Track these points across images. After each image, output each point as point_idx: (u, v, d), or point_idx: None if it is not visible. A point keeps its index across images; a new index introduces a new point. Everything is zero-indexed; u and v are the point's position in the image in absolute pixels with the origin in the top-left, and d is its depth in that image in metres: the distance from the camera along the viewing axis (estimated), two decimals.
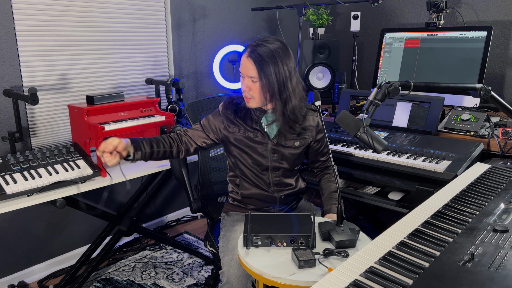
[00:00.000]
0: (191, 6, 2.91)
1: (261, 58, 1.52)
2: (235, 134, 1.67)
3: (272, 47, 1.54)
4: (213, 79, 3.01)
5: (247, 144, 1.67)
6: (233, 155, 1.72)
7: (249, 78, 1.56)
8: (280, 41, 1.58)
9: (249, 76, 1.55)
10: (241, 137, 1.67)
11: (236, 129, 1.67)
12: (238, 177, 1.74)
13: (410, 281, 0.90)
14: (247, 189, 1.72)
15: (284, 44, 1.58)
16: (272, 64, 1.52)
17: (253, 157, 1.67)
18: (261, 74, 1.53)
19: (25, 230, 2.37)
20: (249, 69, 1.54)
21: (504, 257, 0.95)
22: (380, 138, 1.51)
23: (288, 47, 1.60)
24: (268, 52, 1.53)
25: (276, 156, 1.67)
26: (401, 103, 2.30)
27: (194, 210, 1.90)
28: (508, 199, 1.33)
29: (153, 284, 2.35)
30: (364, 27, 3.32)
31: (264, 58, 1.52)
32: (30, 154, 1.91)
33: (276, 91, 1.55)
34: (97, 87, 2.53)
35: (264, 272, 1.25)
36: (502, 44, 2.69)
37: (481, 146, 1.97)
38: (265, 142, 1.66)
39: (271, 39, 1.57)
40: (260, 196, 1.72)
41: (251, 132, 1.66)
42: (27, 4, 2.18)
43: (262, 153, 1.67)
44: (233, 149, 1.70)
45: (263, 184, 1.71)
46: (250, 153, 1.67)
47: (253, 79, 1.55)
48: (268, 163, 1.67)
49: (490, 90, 1.69)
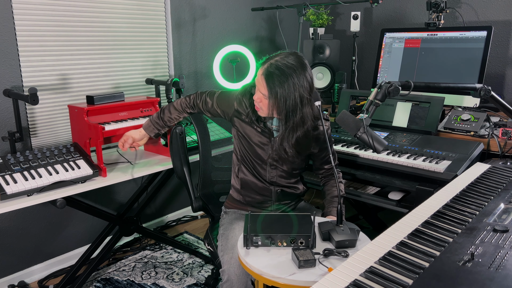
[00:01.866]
0: (191, 6, 2.91)
1: (273, 82, 1.49)
2: (243, 121, 1.70)
3: (288, 71, 1.49)
4: (213, 79, 3.01)
5: (251, 133, 1.69)
6: (238, 139, 1.76)
7: (261, 93, 1.55)
8: (299, 61, 1.53)
9: (260, 91, 1.55)
10: (247, 125, 1.70)
11: (245, 117, 1.70)
12: (240, 161, 1.77)
13: (410, 281, 0.90)
14: (245, 175, 1.75)
15: (302, 64, 1.53)
16: (283, 90, 1.49)
17: (254, 148, 1.70)
18: (271, 95, 1.51)
19: (25, 230, 2.37)
20: (262, 86, 1.53)
21: (504, 257, 0.95)
22: (380, 138, 1.51)
23: (306, 65, 1.55)
24: (282, 76, 1.49)
25: (275, 155, 1.68)
26: (401, 103, 2.30)
27: (195, 209, 1.90)
28: (508, 199, 1.33)
29: (153, 284, 2.35)
30: (364, 27, 3.32)
31: (275, 83, 1.49)
32: (30, 154, 1.91)
33: (284, 115, 1.54)
34: (97, 87, 2.53)
35: (264, 272, 1.25)
36: (502, 44, 2.69)
37: (481, 146, 1.97)
38: (268, 138, 1.68)
39: (290, 60, 1.52)
40: (256, 187, 1.74)
41: (257, 126, 1.68)
42: (27, 4, 2.18)
43: (263, 147, 1.69)
44: (238, 134, 1.74)
45: (260, 176, 1.73)
46: (252, 143, 1.70)
47: (264, 96, 1.55)
48: (267, 158, 1.70)
49: (490, 90, 1.69)
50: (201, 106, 1.84)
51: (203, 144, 1.96)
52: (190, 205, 1.92)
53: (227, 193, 2.01)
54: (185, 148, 1.94)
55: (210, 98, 1.81)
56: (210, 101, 1.80)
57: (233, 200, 1.84)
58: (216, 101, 1.79)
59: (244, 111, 1.69)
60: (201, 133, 1.95)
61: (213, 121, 2.39)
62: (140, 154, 2.36)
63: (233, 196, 1.84)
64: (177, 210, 3.19)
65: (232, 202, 1.84)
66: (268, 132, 1.68)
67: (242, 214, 1.80)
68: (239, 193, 1.80)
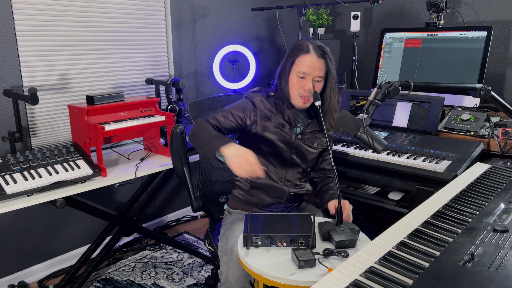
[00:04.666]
0: (191, 6, 2.91)
1: (330, 59, 1.64)
2: (267, 123, 1.68)
3: (330, 51, 1.66)
4: (213, 79, 3.01)
5: (274, 133, 1.68)
6: (252, 143, 1.69)
7: (316, 78, 1.62)
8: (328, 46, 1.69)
9: (317, 76, 1.62)
10: (271, 126, 1.68)
11: (268, 118, 1.69)
12: None
13: (410, 281, 0.90)
14: (258, 178, 1.67)
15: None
16: (334, 66, 1.67)
17: (274, 148, 1.69)
18: (329, 74, 1.65)
19: (25, 230, 2.37)
20: (320, 69, 1.62)
21: (504, 257, 0.95)
22: (380, 138, 1.51)
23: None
24: (330, 52, 1.65)
25: (294, 152, 1.70)
26: (401, 103, 2.30)
27: (195, 209, 1.90)
28: (508, 199, 1.33)
29: (153, 284, 2.35)
30: (364, 27, 3.32)
31: (332, 60, 1.65)
32: (30, 154, 1.91)
33: (334, 89, 1.68)
34: (97, 87, 2.53)
35: (264, 272, 1.25)
36: (502, 44, 2.69)
37: (481, 146, 1.97)
38: (290, 135, 1.69)
39: (324, 43, 1.67)
40: (269, 188, 1.72)
41: (281, 124, 1.68)
42: (27, 4, 2.18)
43: (284, 146, 1.69)
44: (256, 137, 1.69)
45: (276, 177, 1.72)
46: (273, 143, 1.69)
47: (319, 79, 1.63)
48: (288, 155, 1.70)
49: (490, 90, 1.69)
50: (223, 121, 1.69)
51: None
52: (190, 205, 1.92)
53: (227, 193, 2.01)
54: (185, 148, 1.94)
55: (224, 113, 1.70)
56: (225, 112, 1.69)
57: (239, 200, 1.80)
58: (237, 108, 1.70)
59: (269, 111, 1.68)
60: None
61: None
62: (140, 154, 2.36)
63: (238, 197, 1.80)
64: (177, 210, 3.19)
65: (237, 202, 1.80)
66: (290, 125, 1.69)
67: (244, 215, 1.79)
68: (246, 194, 1.76)
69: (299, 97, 1.64)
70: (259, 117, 1.68)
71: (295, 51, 1.65)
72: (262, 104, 1.69)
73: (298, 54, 1.63)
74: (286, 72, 1.66)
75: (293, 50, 1.67)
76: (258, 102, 1.69)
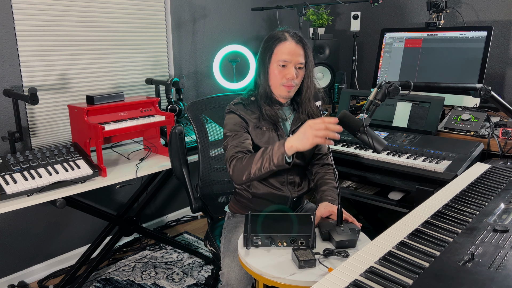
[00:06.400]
0: (191, 6, 2.91)
1: (307, 46, 1.63)
2: (258, 132, 1.63)
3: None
4: (213, 79, 3.00)
5: (269, 138, 1.62)
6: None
7: (297, 65, 1.60)
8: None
9: (298, 63, 1.59)
10: (264, 133, 1.63)
11: (258, 127, 1.63)
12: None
13: (410, 281, 0.90)
14: (258, 189, 1.67)
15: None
16: (311, 53, 1.66)
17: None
18: (308, 61, 1.63)
19: (25, 230, 2.37)
20: (300, 55, 1.59)
21: (504, 257, 0.95)
22: (380, 138, 1.51)
23: None
24: (306, 40, 1.65)
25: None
26: (401, 103, 2.30)
27: (195, 209, 1.89)
28: (508, 199, 1.33)
29: (153, 284, 2.35)
30: (364, 27, 3.31)
31: (309, 47, 1.64)
32: (30, 154, 1.90)
33: (311, 77, 1.66)
34: (97, 87, 2.53)
35: (264, 272, 1.25)
36: (502, 44, 2.69)
37: (481, 146, 1.97)
38: (283, 136, 1.64)
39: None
40: (272, 197, 1.68)
41: (272, 127, 1.64)
42: (27, 4, 2.17)
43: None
44: (255, 148, 1.63)
45: (277, 183, 1.67)
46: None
47: (300, 66, 1.60)
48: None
49: (490, 90, 1.69)
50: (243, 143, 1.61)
51: (202, 144, 1.95)
52: (189, 206, 1.91)
53: (226, 193, 2.01)
54: (184, 149, 1.93)
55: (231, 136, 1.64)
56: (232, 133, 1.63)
57: (241, 207, 1.76)
58: (236, 126, 1.63)
59: (256, 119, 1.63)
60: (200, 133, 1.95)
61: (213, 121, 2.39)
62: (140, 154, 2.36)
63: (240, 204, 1.76)
64: (177, 210, 3.19)
65: (240, 208, 1.76)
66: (280, 127, 1.64)
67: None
68: (249, 202, 1.72)
69: (282, 86, 1.59)
70: (251, 128, 1.63)
71: (271, 41, 1.61)
72: (247, 115, 1.63)
73: (276, 43, 1.59)
74: (265, 65, 1.61)
75: (268, 42, 1.62)
76: (244, 114, 1.63)
